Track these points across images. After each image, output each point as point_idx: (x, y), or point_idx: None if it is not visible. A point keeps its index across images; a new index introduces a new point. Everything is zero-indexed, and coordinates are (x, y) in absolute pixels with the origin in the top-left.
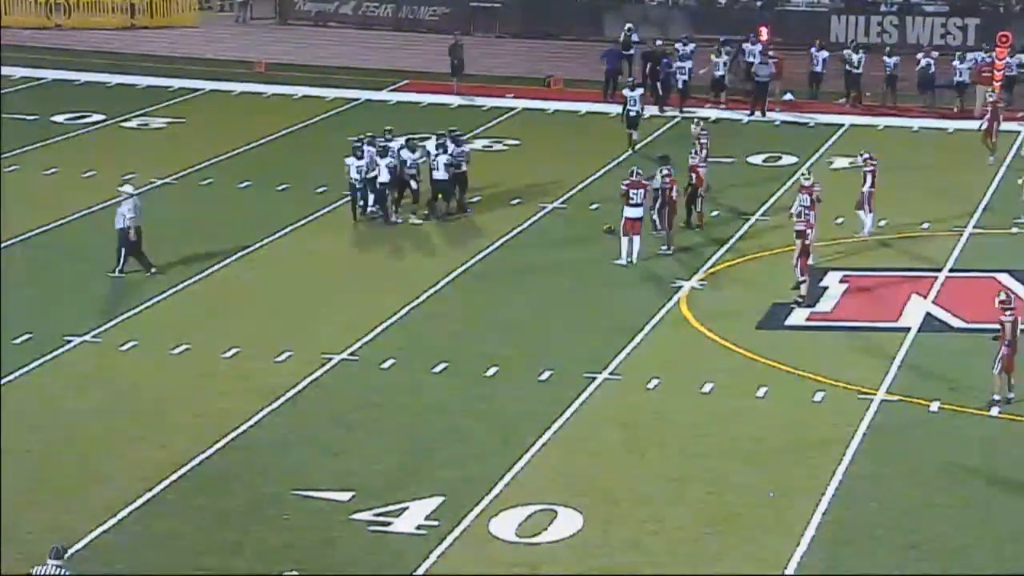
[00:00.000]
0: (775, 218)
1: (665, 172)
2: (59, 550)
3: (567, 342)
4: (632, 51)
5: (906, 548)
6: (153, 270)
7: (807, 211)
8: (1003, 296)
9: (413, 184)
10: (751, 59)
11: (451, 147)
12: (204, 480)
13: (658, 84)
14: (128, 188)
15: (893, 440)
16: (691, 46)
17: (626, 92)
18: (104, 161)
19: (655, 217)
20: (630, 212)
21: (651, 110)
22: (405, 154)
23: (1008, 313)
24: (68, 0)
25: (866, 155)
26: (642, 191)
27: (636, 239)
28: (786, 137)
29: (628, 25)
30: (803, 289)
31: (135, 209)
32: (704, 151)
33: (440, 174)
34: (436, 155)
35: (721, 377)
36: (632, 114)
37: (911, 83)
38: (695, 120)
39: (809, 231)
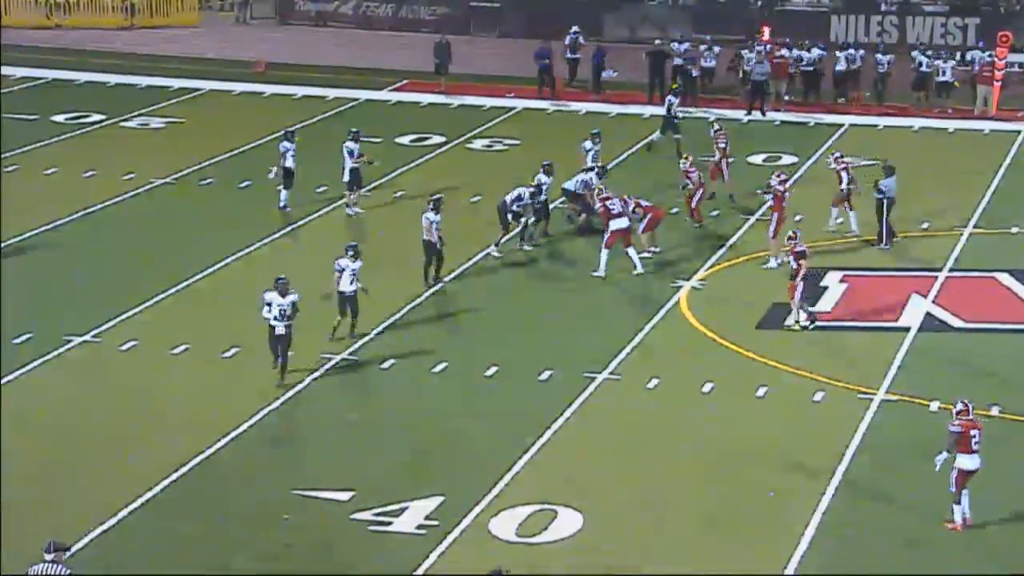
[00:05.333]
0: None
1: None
2: (56, 544)
3: (567, 342)
4: (578, 54)
5: (906, 548)
6: None
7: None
8: (960, 407)
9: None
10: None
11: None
12: (204, 480)
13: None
14: None
15: (893, 440)
16: (685, 45)
17: (670, 98)
18: (104, 161)
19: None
20: (616, 224)
21: (654, 109)
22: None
23: (957, 424)
24: (68, 0)
25: (836, 154)
26: (618, 200)
27: (631, 250)
28: (786, 137)
29: (574, 28)
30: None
31: None
32: (719, 153)
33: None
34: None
35: (721, 377)
36: (673, 117)
37: (905, 82)
38: (712, 121)
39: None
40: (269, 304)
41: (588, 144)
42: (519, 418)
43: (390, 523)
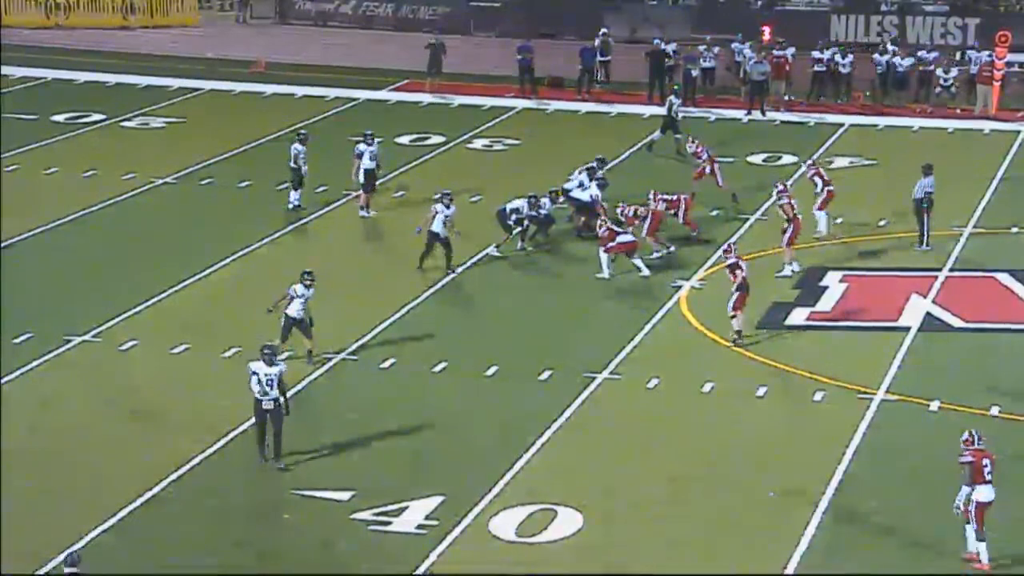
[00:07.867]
0: (774, 218)
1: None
2: (74, 557)
3: (567, 342)
4: (609, 57)
5: (906, 548)
6: None
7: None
8: (965, 436)
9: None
10: (751, 58)
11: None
12: (204, 480)
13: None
14: None
15: (893, 440)
16: (673, 45)
17: (672, 99)
18: (104, 161)
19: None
20: (622, 238)
21: (653, 110)
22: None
23: (968, 455)
24: (68, 0)
25: (808, 161)
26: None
27: (636, 259)
28: (786, 137)
29: (603, 30)
30: (735, 325)
31: None
32: (708, 165)
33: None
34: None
35: (721, 377)
36: (673, 117)
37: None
38: (690, 139)
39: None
40: (255, 374)
41: (601, 174)
42: (519, 418)
43: (390, 523)
